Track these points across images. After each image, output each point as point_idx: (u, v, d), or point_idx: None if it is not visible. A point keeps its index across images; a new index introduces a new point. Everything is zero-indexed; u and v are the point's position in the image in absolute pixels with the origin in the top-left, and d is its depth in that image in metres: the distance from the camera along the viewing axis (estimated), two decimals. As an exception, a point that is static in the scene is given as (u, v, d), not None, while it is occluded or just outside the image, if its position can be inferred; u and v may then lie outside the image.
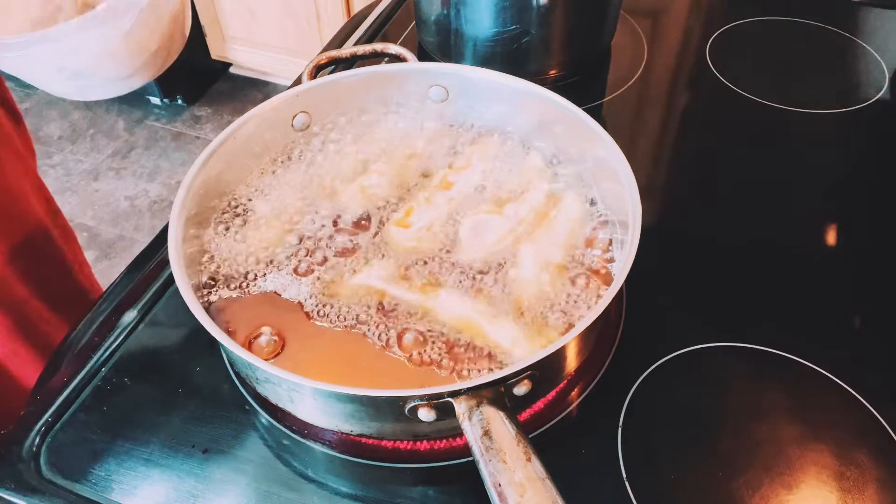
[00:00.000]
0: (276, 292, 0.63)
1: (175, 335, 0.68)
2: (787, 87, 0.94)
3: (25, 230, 0.89)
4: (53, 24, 0.72)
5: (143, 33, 0.70)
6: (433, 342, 0.59)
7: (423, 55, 1.00)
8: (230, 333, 0.60)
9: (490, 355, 0.58)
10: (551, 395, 0.62)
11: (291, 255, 0.66)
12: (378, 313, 0.61)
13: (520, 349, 0.58)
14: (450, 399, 0.50)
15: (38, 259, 0.91)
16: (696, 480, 0.57)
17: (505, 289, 0.62)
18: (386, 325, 0.60)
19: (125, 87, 0.74)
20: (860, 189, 0.83)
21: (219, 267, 0.65)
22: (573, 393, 0.63)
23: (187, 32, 0.78)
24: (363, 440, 0.60)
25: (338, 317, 0.61)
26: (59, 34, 0.65)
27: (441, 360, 0.58)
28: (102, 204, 2.30)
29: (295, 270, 0.65)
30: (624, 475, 0.57)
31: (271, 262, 0.65)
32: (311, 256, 0.66)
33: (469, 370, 0.57)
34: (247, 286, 0.63)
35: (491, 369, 0.57)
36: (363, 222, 0.68)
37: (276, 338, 0.60)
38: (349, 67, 0.88)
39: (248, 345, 0.59)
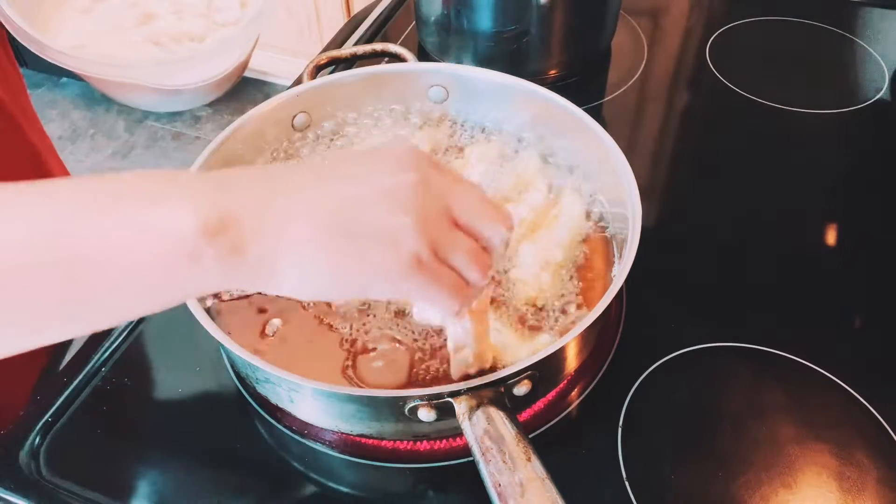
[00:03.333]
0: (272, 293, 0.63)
1: (175, 335, 0.68)
2: (787, 87, 0.94)
3: None
4: (150, 42, 0.74)
5: (239, 60, 0.74)
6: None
7: (423, 55, 1.00)
8: (230, 333, 0.60)
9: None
10: (551, 395, 0.62)
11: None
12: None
13: (511, 352, 0.57)
14: (450, 399, 0.50)
15: None
16: (696, 480, 0.57)
17: (505, 289, 0.62)
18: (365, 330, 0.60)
19: (205, 100, 0.76)
20: (860, 189, 0.83)
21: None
22: (573, 393, 0.63)
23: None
24: (363, 440, 0.60)
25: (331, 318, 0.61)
26: (173, 62, 0.67)
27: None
28: (102, 204, 2.30)
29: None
30: (624, 475, 0.57)
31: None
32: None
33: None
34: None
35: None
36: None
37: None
38: (349, 67, 0.88)
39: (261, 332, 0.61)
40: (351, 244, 0.40)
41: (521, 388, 0.52)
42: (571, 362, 0.61)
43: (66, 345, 0.68)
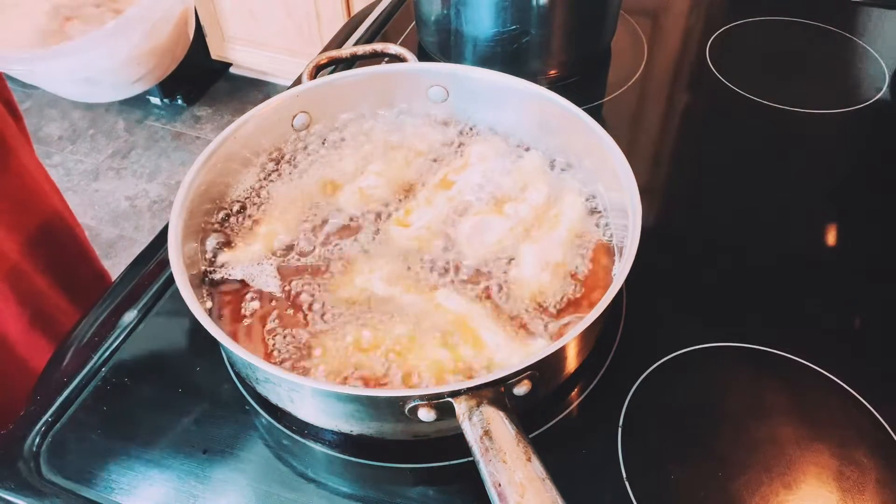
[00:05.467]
0: (273, 292, 0.63)
1: (175, 335, 0.68)
2: (787, 87, 0.94)
3: (44, 221, 0.89)
4: (62, 34, 0.73)
5: (151, 42, 0.72)
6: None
7: (423, 55, 1.00)
8: (230, 333, 0.60)
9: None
10: (551, 395, 0.62)
11: (290, 254, 0.66)
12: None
13: (503, 354, 0.57)
14: (450, 399, 0.50)
15: (56, 248, 0.92)
16: (696, 480, 0.57)
17: (504, 289, 0.62)
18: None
19: (134, 90, 0.76)
20: (860, 189, 0.83)
21: (219, 266, 0.65)
22: (573, 393, 0.63)
23: (192, 33, 0.79)
24: (363, 440, 0.60)
25: (331, 317, 0.61)
26: (68, 51, 0.66)
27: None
28: (102, 204, 2.30)
29: (293, 270, 0.65)
30: (624, 475, 0.57)
31: (270, 262, 0.65)
32: (309, 256, 0.66)
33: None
34: (245, 285, 0.64)
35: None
36: (362, 222, 0.68)
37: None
38: (349, 67, 0.88)
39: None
40: None
41: (521, 388, 0.52)
42: (571, 362, 0.61)
43: (66, 345, 0.68)
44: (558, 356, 0.56)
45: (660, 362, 0.65)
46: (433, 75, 0.75)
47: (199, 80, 2.68)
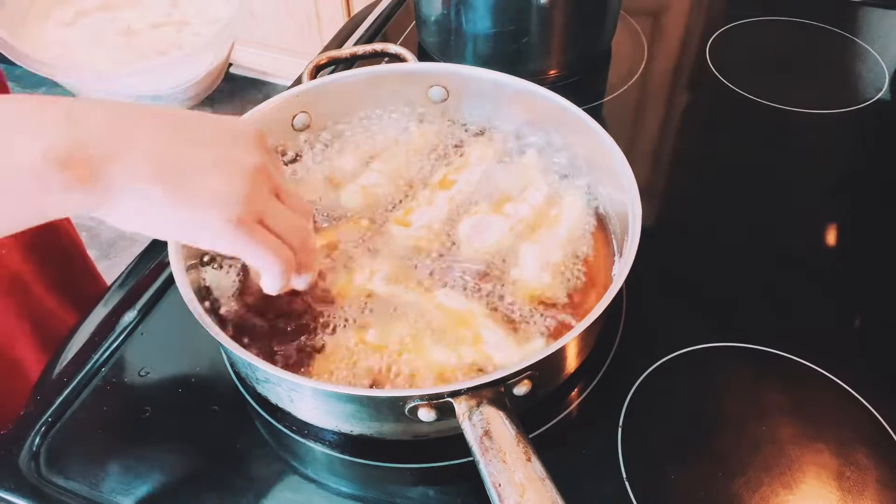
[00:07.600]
0: (272, 292, 0.63)
1: (175, 335, 0.68)
2: (787, 87, 0.94)
3: (45, 229, 0.89)
4: (131, 52, 0.80)
5: (213, 63, 0.79)
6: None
7: (423, 55, 1.00)
8: (229, 333, 0.60)
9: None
10: (551, 395, 0.62)
11: (291, 255, 0.66)
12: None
13: (503, 353, 0.57)
14: (450, 399, 0.50)
15: (55, 255, 0.91)
16: (696, 480, 0.57)
17: (504, 289, 0.62)
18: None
19: (185, 105, 0.83)
20: (860, 189, 0.83)
21: (219, 266, 0.65)
22: (573, 393, 0.63)
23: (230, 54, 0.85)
24: (363, 440, 0.60)
25: (331, 317, 0.61)
26: (151, 68, 0.74)
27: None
28: (102, 204, 2.30)
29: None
30: (624, 475, 0.57)
31: (271, 262, 0.65)
32: (311, 256, 0.66)
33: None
34: (244, 284, 0.64)
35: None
36: (363, 221, 0.68)
37: None
38: (349, 67, 0.88)
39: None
40: (185, 194, 0.46)
41: (521, 388, 0.52)
42: (571, 362, 0.61)
43: (66, 345, 0.68)
44: (558, 356, 0.56)
45: (660, 362, 0.65)
46: (433, 75, 0.75)
47: (199, 80, 2.68)
